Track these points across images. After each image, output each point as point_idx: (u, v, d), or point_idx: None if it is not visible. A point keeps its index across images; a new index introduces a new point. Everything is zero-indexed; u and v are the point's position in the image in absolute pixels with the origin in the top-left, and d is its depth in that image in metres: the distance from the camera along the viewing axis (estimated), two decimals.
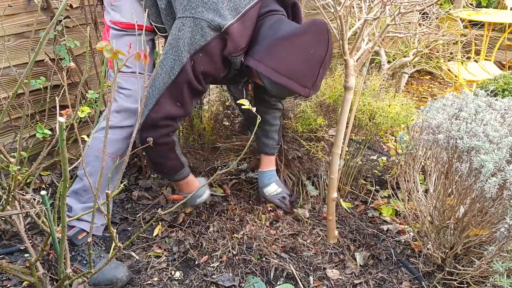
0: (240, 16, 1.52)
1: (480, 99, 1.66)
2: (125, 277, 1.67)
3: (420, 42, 2.84)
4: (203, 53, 1.53)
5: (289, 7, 1.71)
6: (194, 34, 1.50)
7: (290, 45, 1.52)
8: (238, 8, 1.52)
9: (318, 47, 1.54)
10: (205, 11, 1.49)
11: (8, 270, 1.34)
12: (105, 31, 1.74)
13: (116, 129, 1.67)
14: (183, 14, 1.52)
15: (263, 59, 1.54)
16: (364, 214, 2.12)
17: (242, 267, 1.76)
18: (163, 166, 1.76)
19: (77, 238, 1.68)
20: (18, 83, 1.15)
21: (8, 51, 1.98)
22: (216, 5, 1.50)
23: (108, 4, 1.69)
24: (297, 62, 1.54)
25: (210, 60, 1.55)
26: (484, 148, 1.37)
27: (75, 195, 1.72)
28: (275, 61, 1.53)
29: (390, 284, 1.71)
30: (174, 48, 1.53)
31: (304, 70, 1.56)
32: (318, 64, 1.56)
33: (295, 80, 1.54)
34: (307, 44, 1.53)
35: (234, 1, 1.52)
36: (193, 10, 1.50)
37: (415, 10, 1.54)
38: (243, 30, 1.55)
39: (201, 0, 1.50)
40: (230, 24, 1.50)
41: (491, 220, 1.46)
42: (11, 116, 2.08)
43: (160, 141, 1.60)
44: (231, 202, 2.14)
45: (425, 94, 3.91)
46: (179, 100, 1.58)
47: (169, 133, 1.64)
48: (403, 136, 1.71)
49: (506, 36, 3.71)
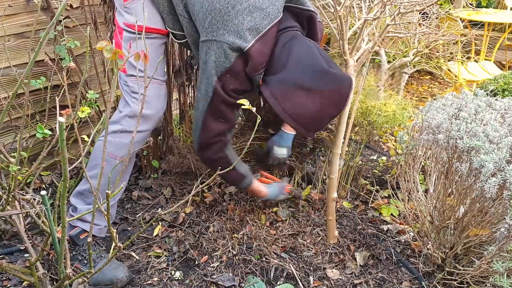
0: (260, 37, 1.53)
1: (480, 99, 1.66)
2: (125, 278, 1.67)
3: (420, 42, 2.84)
4: (229, 74, 1.57)
5: (305, 20, 1.72)
6: (218, 56, 1.54)
7: (308, 96, 1.54)
8: (259, 28, 1.53)
9: (334, 108, 1.60)
10: (226, 34, 1.51)
11: (8, 270, 1.34)
12: (116, 33, 1.73)
13: (128, 134, 1.68)
14: (206, 37, 1.56)
15: (278, 97, 1.57)
16: (364, 214, 2.12)
17: (242, 267, 1.76)
18: (226, 178, 1.93)
19: (79, 238, 1.69)
20: (18, 83, 1.15)
21: (8, 51, 1.97)
22: (237, 26, 1.51)
23: (121, 5, 1.68)
24: (309, 114, 1.57)
25: (236, 79, 1.59)
26: (484, 148, 1.37)
27: (80, 196, 1.73)
28: (289, 105, 1.56)
29: (390, 284, 1.71)
30: (204, 72, 1.59)
31: (313, 122, 1.62)
32: (328, 119, 1.66)
33: (301, 125, 1.60)
34: (325, 102, 1.56)
35: (255, 20, 1.52)
36: (214, 32, 1.53)
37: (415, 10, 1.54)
38: (263, 49, 1.57)
39: (222, 23, 1.52)
40: (251, 46, 1.52)
41: (491, 220, 1.46)
42: (11, 116, 2.08)
43: (215, 156, 1.72)
44: (231, 202, 2.15)
45: (425, 94, 3.91)
46: (221, 117, 1.65)
47: (222, 147, 1.73)
48: (403, 136, 1.71)
49: (506, 36, 3.71)
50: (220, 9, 1.51)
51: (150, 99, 1.71)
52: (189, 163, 2.23)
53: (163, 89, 1.79)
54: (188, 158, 2.23)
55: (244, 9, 1.51)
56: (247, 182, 1.86)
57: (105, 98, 2.28)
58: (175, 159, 2.25)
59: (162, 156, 2.41)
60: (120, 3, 1.68)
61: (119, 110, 1.74)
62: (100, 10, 2.10)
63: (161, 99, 1.78)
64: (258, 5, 1.52)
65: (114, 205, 1.83)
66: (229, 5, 1.51)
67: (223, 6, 1.51)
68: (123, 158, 1.70)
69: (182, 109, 2.35)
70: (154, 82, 1.72)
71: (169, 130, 2.34)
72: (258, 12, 1.52)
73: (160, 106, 1.77)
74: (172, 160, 2.26)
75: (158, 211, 2.03)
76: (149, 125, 1.75)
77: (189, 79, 2.31)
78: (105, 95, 2.28)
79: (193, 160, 2.25)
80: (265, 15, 1.53)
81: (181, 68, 2.19)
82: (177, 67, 2.17)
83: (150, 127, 1.76)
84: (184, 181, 2.30)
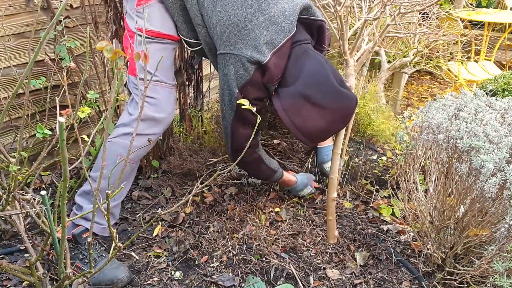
0: (276, 51, 1.58)
1: (480, 99, 1.66)
2: (126, 278, 1.67)
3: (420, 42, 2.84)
4: (250, 85, 1.62)
5: (315, 30, 1.77)
6: (237, 70, 1.59)
7: (318, 112, 1.60)
8: (274, 42, 1.58)
9: (340, 124, 1.68)
10: (243, 48, 1.56)
11: (8, 270, 1.34)
12: (126, 36, 1.73)
13: (140, 136, 1.69)
14: (224, 50, 1.61)
15: (288, 110, 1.63)
16: (364, 214, 2.12)
17: (242, 267, 1.76)
18: (259, 175, 2.06)
19: (81, 237, 1.70)
20: (18, 83, 1.15)
21: (8, 51, 1.97)
22: (254, 40, 1.56)
23: (132, 10, 1.69)
24: (317, 128, 1.64)
25: (256, 88, 1.65)
26: (484, 148, 1.37)
27: (86, 195, 1.74)
28: (299, 119, 1.62)
29: (390, 284, 1.71)
30: (225, 83, 1.65)
31: (319, 135, 1.74)
32: (332, 133, 1.75)
33: (307, 137, 1.67)
34: (330, 120, 1.63)
35: (271, 35, 1.57)
36: (232, 46, 1.58)
37: (415, 10, 1.54)
38: (279, 62, 1.62)
39: (239, 37, 1.56)
40: (268, 59, 1.57)
41: (491, 220, 1.46)
42: (11, 116, 2.08)
43: (249, 159, 1.80)
44: (231, 202, 2.15)
45: (425, 94, 3.91)
46: (248, 122, 1.72)
47: (254, 150, 1.83)
48: (403, 136, 1.71)
49: (506, 36, 3.71)
50: (238, 23, 1.56)
51: (161, 103, 1.74)
52: (190, 165, 2.23)
53: (173, 92, 1.82)
54: (188, 160, 2.23)
55: (261, 23, 1.56)
56: (279, 175, 2.00)
57: (105, 98, 2.28)
58: (175, 160, 2.25)
59: (162, 156, 2.41)
60: (131, 7, 1.69)
61: (129, 113, 1.76)
62: (101, 10, 2.10)
63: (171, 102, 1.80)
64: (274, 20, 1.57)
65: (118, 205, 1.83)
66: (246, 19, 1.56)
67: (240, 20, 1.56)
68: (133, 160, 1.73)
69: (182, 109, 2.35)
70: (165, 86, 1.75)
71: (169, 130, 2.34)
72: (274, 27, 1.57)
73: (171, 109, 1.79)
74: (172, 161, 2.26)
75: (158, 211, 2.03)
76: (159, 128, 1.77)
77: (189, 78, 2.31)
78: (105, 95, 2.28)
79: (194, 164, 2.25)
80: (280, 29, 1.58)
81: (181, 67, 2.19)
82: (177, 67, 2.17)
83: (161, 130, 1.79)
84: (184, 181, 2.30)
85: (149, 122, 1.72)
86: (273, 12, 1.57)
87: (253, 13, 1.57)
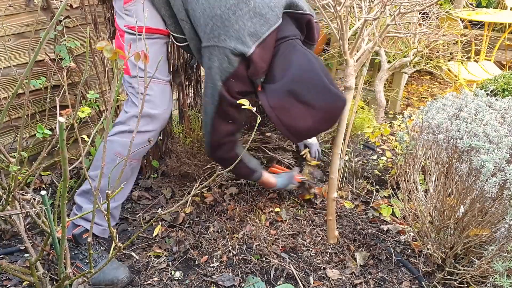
0: (261, 42, 1.56)
1: (480, 99, 1.66)
2: (126, 278, 1.67)
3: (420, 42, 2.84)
4: (234, 78, 1.60)
5: (304, 24, 1.74)
6: (222, 62, 1.56)
7: (306, 110, 1.58)
8: (258, 33, 1.55)
9: (327, 124, 1.68)
10: (227, 39, 1.54)
11: (8, 270, 1.34)
12: (118, 37, 1.73)
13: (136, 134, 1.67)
14: (208, 43, 1.58)
15: (274, 107, 1.60)
16: (364, 214, 2.12)
17: (242, 267, 1.76)
18: (237, 173, 2.03)
19: (81, 237, 1.70)
20: (18, 83, 1.15)
21: (8, 51, 1.97)
22: (238, 32, 1.53)
23: (121, 9, 1.68)
24: (305, 127, 1.62)
25: (240, 82, 1.62)
26: (484, 148, 1.37)
27: (85, 195, 1.74)
28: (286, 117, 1.60)
29: (390, 284, 1.71)
30: (209, 76, 1.62)
31: (307, 134, 1.75)
32: (319, 132, 1.78)
33: (294, 135, 1.66)
34: (318, 118, 1.61)
35: (255, 26, 1.55)
36: (216, 38, 1.56)
37: (415, 10, 1.54)
38: (264, 54, 1.60)
39: (223, 28, 1.54)
40: (253, 51, 1.55)
41: (491, 220, 1.46)
42: (11, 116, 2.08)
43: (227, 156, 1.78)
44: (231, 202, 2.14)
45: (425, 94, 3.91)
46: (229, 118, 1.69)
47: (232, 147, 1.79)
48: (403, 136, 1.71)
49: (506, 36, 3.71)
50: (221, 14, 1.54)
51: (155, 99, 1.72)
52: (187, 169, 2.22)
53: (167, 88, 1.80)
54: (186, 163, 2.22)
55: (245, 14, 1.54)
56: (257, 175, 1.95)
57: (105, 98, 2.28)
58: (173, 162, 2.24)
59: (162, 156, 2.41)
60: (119, 6, 1.69)
61: (125, 110, 1.75)
62: (100, 10, 2.10)
63: (166, 98, 1.79)
64: (258, 11, 1.55)
65: (118, 206, 1.83)
66: (229, 11, 1.53)
67: (224, 12, 1.53)
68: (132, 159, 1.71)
69: (181, 109, 2.35)
70: (158, 82, 1.73)
71: (168, 130, 2.34)
72: (258, 18, 1.55)
73: (166, 105, 1.78)
74: (170, 164, 2.26)
75: (158, 211, 2.03)
76: (156, 124, 1.75)
77: (189, 79, 2.31)
78: (105, 95, 2.28)
79: (192, 165, 2.23)
80: (265, 21, 1.56)
81: (179, 67, 2.19)
82: (175, 67, 2.17)
83: (158, 127, 1.77)
84: (184, 182, 2.30)
85: (145, 119, 1.70)
86: (257, 3, 1.55)
87: (237, 4, 1.54)
